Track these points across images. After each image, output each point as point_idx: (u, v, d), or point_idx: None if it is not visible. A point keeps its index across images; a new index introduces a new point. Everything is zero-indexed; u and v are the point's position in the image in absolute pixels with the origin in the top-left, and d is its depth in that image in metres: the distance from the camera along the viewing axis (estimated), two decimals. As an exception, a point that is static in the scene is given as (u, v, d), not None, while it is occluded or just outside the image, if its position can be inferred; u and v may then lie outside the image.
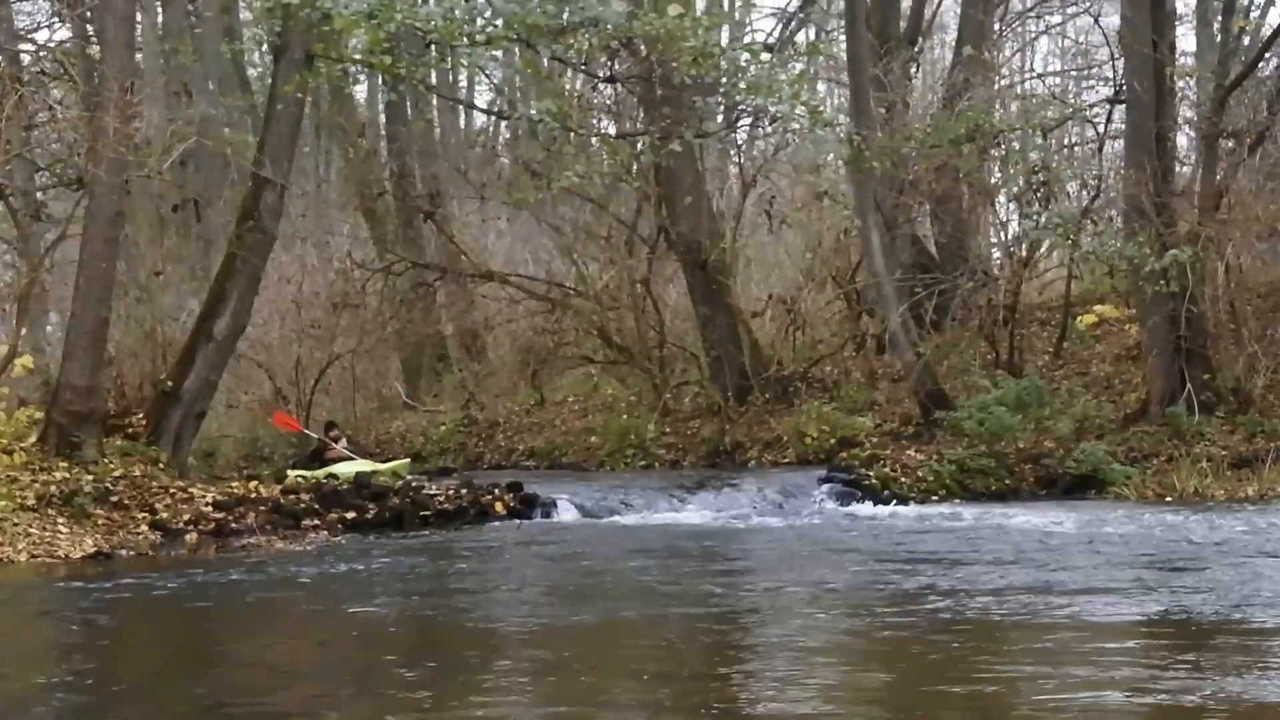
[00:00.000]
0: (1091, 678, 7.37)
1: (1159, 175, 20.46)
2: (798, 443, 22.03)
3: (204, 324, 18.43)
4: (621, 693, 7.61)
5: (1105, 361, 23.54)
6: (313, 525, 16.22)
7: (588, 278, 26.46)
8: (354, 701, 7.44)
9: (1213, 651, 8.03)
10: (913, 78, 27.52)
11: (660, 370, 25.35)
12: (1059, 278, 26.25)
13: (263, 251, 18.67)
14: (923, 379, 21.57)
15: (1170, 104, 21.40)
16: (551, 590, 11.57)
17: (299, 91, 17.84)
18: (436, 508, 17.02)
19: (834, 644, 8.80)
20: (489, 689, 7.74)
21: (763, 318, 26.07)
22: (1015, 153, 23.19)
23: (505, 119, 25.58)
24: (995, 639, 8.58)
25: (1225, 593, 10.04)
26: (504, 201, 28.10)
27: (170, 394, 18.07)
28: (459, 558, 13.86)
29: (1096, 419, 20.66)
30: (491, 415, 26.72)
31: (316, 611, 11.09)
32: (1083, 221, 22.75)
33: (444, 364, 29.40)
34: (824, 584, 11.34)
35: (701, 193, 24.89)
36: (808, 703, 7.06)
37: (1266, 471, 18.19)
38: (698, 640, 9.06)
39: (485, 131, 38.04)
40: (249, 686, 8.19)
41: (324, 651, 9.42)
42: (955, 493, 18.87)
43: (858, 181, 21.98)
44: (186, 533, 15.48)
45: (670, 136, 17.86)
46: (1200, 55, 24.54)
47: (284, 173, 18.39)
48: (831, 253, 26.02)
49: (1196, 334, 20.32)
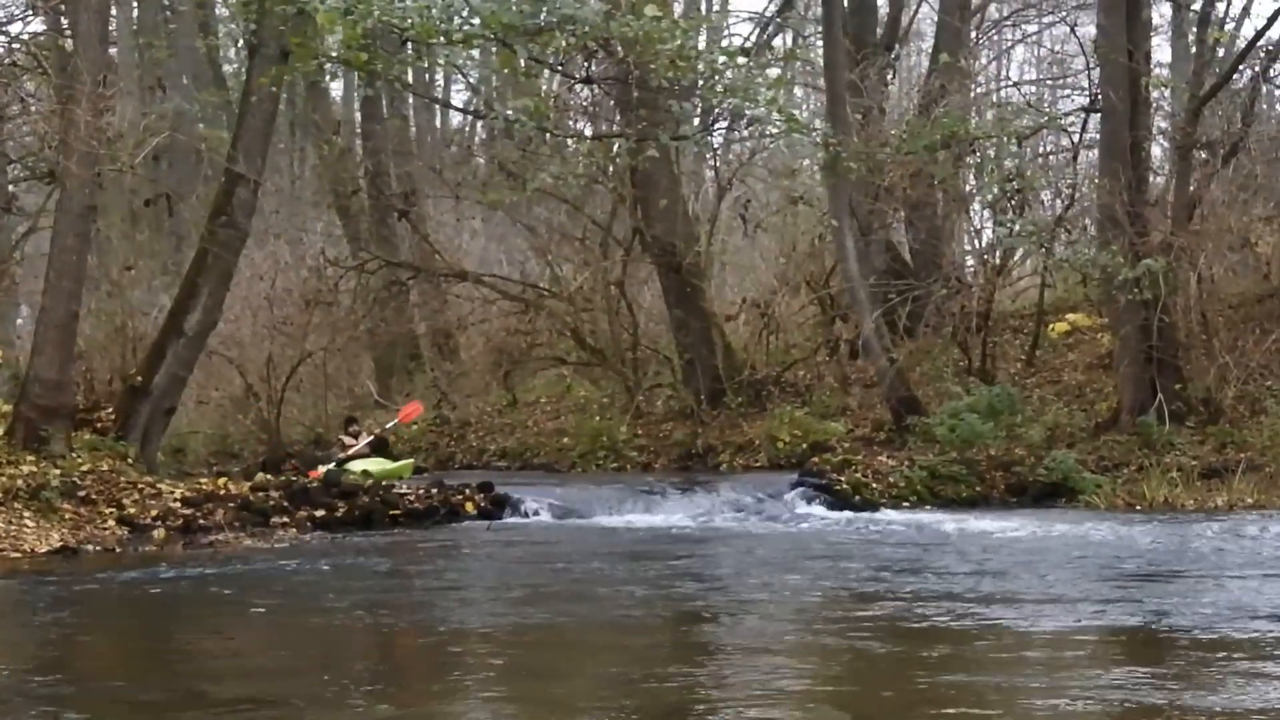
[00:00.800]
0: (1049, 686, 7.37)
1: (1133, 185, 20.50)
2: (770, 447, 22.02)
3: (175, 319, 18.33)
4: (584, 695, 7.57)
5: (1077, 370, 23.58)
6: (282, 523, 16.13)
7: (562, 279, 26.42)
8: (316, 700, 7.39)
9: (1172, 661, 8.01)
10: (889, 84, 27.54)
11: (633, 373, 25.33)
12: (1032, 286, 26.32)
13: (235, 248, 18.57)
14: (895, 385, 21.58)
15: (1145, 114, 21.46)
16: (517, 591, 11.52)
17: (273, 87, 17.76)
18: (406, 507, 16.95)
19: (798, 648, 8.78)
20: (452, 689, 7.70)
21: (736, 321, 26.08)
22: (990, 160, 23.23)
23: (481, 118, 25.50)
24: (957, 646, 8.57)
25: (1187, 604, 10.05)
26: (479, 201, 28.05)
27: (140, 389, 17.97)
28: (427, 557, 13.80)
29: (1068, 427, 20.70)
30: (463, 415, 26.66)
31: (282, 609, 11.01)
32: (1056, 230, 22.81)
33: (416, 363, 29.32)
34: (791, 588, 11.31)
35: (677, 195, 24.88)
36: (770, 707, 7.03)
37: (1236, 482, 18.22)
38: (662, 643, 9.03)
39: (461, 131, 38.00)
40: (211, 684, 8.13)
41: (288, 650, 9.36)
42: (926, 499, 18.86)
43: (833, 187, 21.99)
44: (154, 529, 15.38)
45: (647, 139, 17.83)
46: (1175, 66, 24.69)
47: (257, 169, 18.31)
48: (806, 257, 26.04)
49: (1168, 344, 20.37)
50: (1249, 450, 18.98)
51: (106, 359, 20.52)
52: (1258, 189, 23.11)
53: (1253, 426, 19.63)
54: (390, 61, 18.25)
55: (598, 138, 20.83)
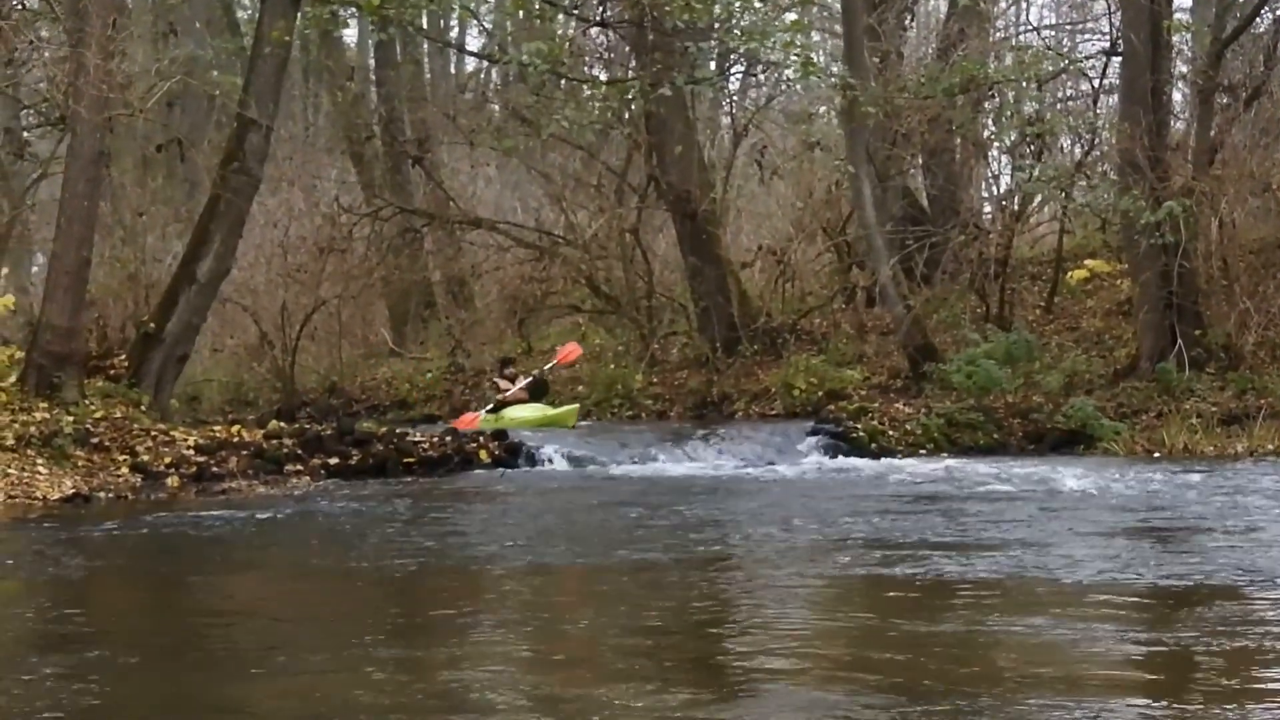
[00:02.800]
0: (1065, 638, 7.26)
1: (1153, 129, 20.29)
2: (785, 395, 21.91)
3: (187, 266, 18.24)
4: (603, 642, 7.49)
5: (1096, 316, 23.42)
6: (295, 471, 16.07)
7: (576, 226, 26.28)
8: (329, 645, 7.32)
9: (1189, 612, 7.90)
10: (907, 28, 27.28)
11: (648, 320, 25.22)
12: (1050, 232, 26.14)
13: (247, 194, 18.45)
14: (912, 332, 21.45)
15: (1166, 57, 21.19)
16: (531, 538, 11.45)
17: (286, 34, 17.59)
18: (420, 455, 16.86)
19: (811, 596, 8.69)
20: (467, 635, 7.63)
21: (752, 269, 25.94)
22: (1009, 104, 23.00)
23: (495, 63, 25.34)
24: (971, 595, 8.45)
25: (1206, 554, 9.94)
26: (493, 148, 27.88)
27: (153, 336, 17.90)
28: (440, 505, 13.74)
29: (1086, 374, 20.56)
30: (478, 363, 26.57)
31: (295, 556, 10.97)
32: (1076, 175, 22.60)
33: (431, 311, 29.25)
34: (805, 537, 11.23)
35: (692, 142, 24.70)
36: (784, 656, 6.95)
37: (1256, 429, 18.09)
38: (677, 590, 8.94)
39: (475, 77, 37.76)
40: (224, 630, 8.08)
41: (300, 596, 9.31)
42: (943, 446, 18.74)
43: (850, 132, 21.82)
44: (167, 476, 15.33)
45: (661, 82, 17.65)
46: (1196, 9, 24.33)
47: (269, 114, 18.15)
48: (822, 204, 25.86)
49: (1188, 290, 20.20)
50: (1269, 396, 18.83)
51: (119, 306, 20.47)
52: (1279, 133, 22.84)
53: (1273, 373, 19.48)
54: (404, 6, 18.11)
55: (612, 83, 20.62)
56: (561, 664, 6.94)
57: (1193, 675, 6.48)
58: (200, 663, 7.06)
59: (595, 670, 6.78)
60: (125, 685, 6.57)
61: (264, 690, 6.44)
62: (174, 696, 6.37)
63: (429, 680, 6.57)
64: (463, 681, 6.54)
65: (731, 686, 6.42)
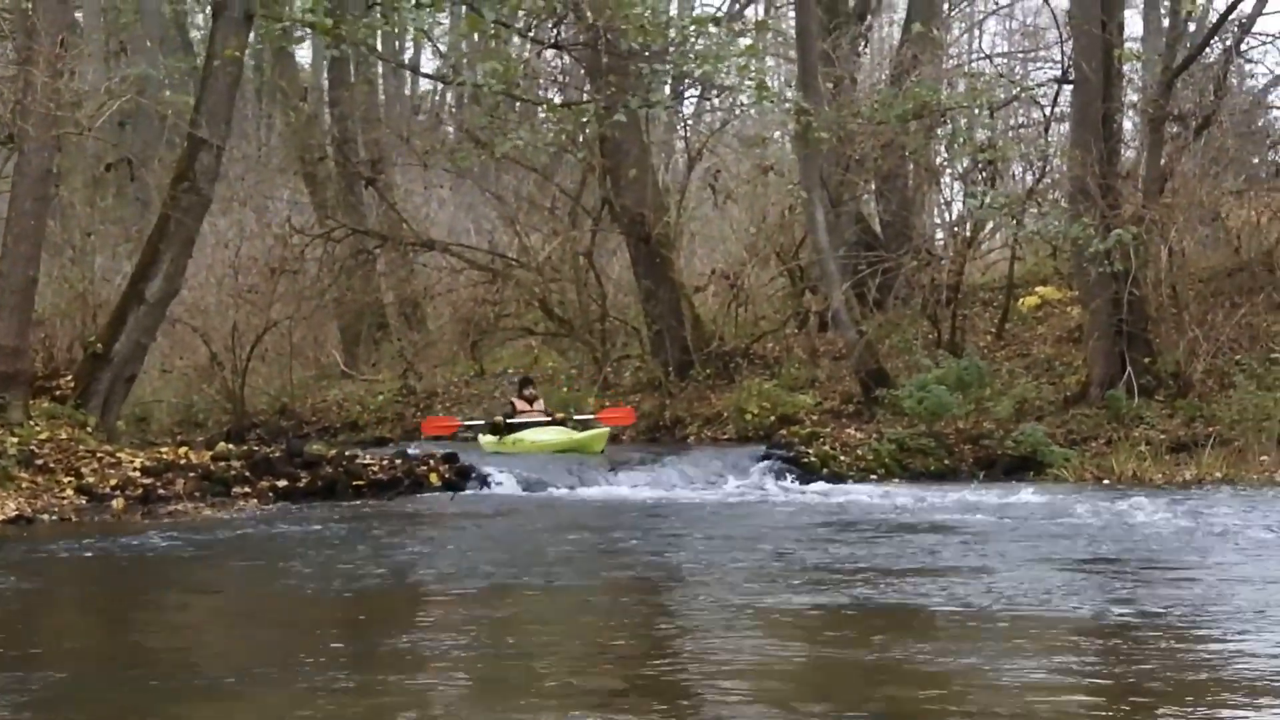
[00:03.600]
0: (1006, 664, 7.24)
1: (1104, 157, 20.40)
2: (738, 419, 21.90)
3: (136, 286, 18.07)
4: (550, 668, 7.42)
5: (1046, 343, 23.52)
6: (243, 493, 15.92)
7: (530, 248, 26.24)
8: (272, 673, 7.23)
9: (1133, 639, 7.91)
10: (861, 54, 27.38)
11: (601, 343, 25.18)
12: (1002, 258, 26.24)
13: (198, 214, 18.30)
14: (864, 357, 21.48)
15: (1117, 86, 21.33)
16: (478, 562, 11.35)
17: (237, 51, 17.49)
18: (370, 477, 16.75)
19: (758, 621, 8.63)
20: (413, 662, 7.54)
21: (705, 293, 25.94)
22: (962, 131, 23.10)
23: (449, 84, 25.27)
24: (916, 621, 8.45)
25: (1151, 581, 9.98)
26: (446, 169, 27.83)
27: (100, 356, 17.73)
28: (389, 528, 13.64)
29: (1036, 400, 20.62)
30: (430, 385, 26.48)
31: (239, 580, 10.86)
32: (1027, 202, 22.70)
33: (383, 333, 29.13)
34: (755, 562, 11.18)
35: (647, 165, 24.70)
36: (730, 677, 6.90)
37: (1205, 456, 18.17)
38: (625, 615, 8.89)
39: (430, 99, 37.72)
40: (163, 656, 7.96)
41: (244, 621, 9.20)
42: (894, 472, 18.75)
43: (804, 157, 21.86)
44: (113, 498, 15.16)
45: (616, 105, 17.63)
46: (1147, 39, 24.56)
47: (221, 134, 18.03)
48: (776, 229, 25.91)
49: (1138, 317, 20.30)
50: (1218, 424, 18.92)
51: (67, 326, 20.24)
52: (1229, 163, 23.04)
53: (1221, 401, 19.57)
54: (356, 25, 18.04)
55: (566, 105, 20.60)
56: (507, 689, 6.87)
57: (1135, 706, 6.46)
58: (144, 688, 6.96)
59: (542, 695, 6.71)
60: (67, 710, 6.46)
61: (209, 715, 6.35)
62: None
63: (376, 705, 6.49)
64: (409, 706, 6.46)
65: (678, 712, 6.37)
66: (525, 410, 19.65)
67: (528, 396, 20.11)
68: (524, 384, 21.05)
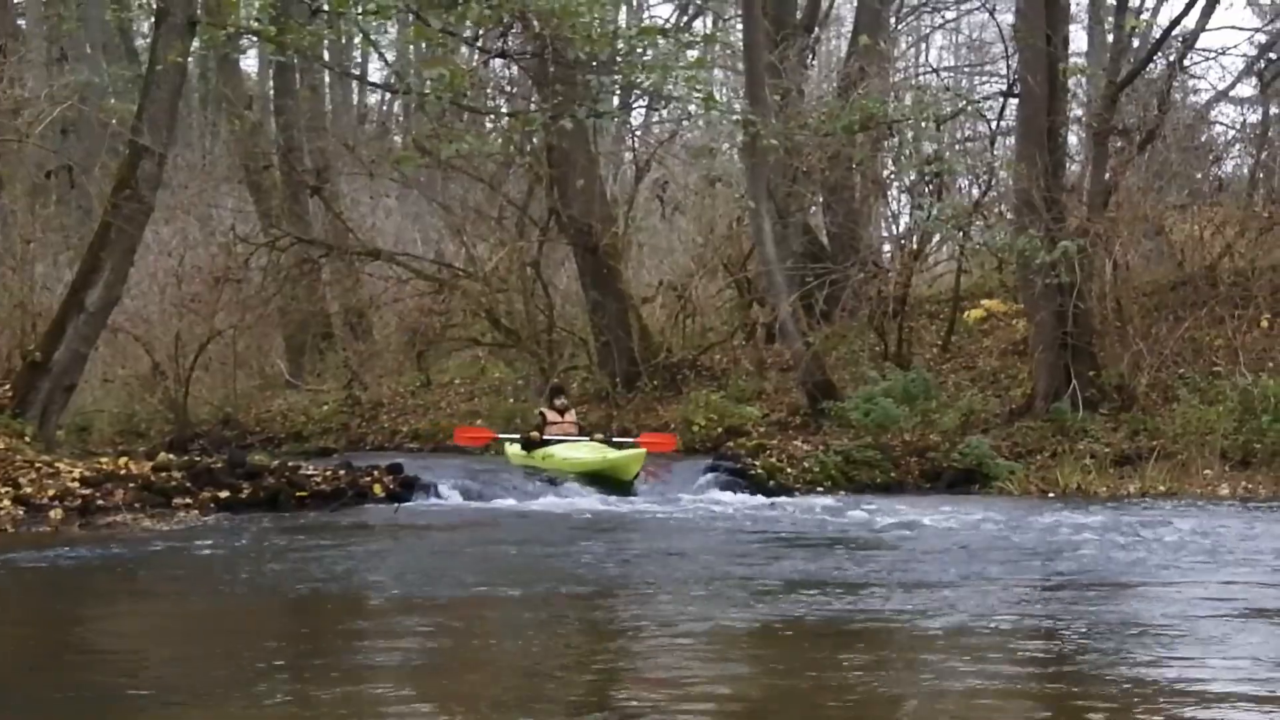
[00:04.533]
0: (946, 679, 7.20)
1: (1050, 170, 20.52)
2: (685, 430, 21.84)
3: (76, 295, 17.83)
4: (489, 683, 7.33)
5: (992, 356, 23.61)
6: (184, 504, 15.70)
7: (477, 259, 26.12)
8: (213, 685, 7.10)
9: (1072, 651, 7.90)
10: (808, 67, 27.45)
11: (548, 354, 25.08)
12: (949, 271, 26.35)
13: (139, 222, 18.08)
14: (811, 369, 21.49)
15: (1062, 100, 21.47)
16: (420, 572, 11.23)
17: (180, 57, 17.32)
18: (313, 488, 16.56)
19: (700, 635, 8.56)
20: (352, 675, 7.43)
21: (653, 304, 25.91)
22: (909, 143, 23.18)
23: (395, 93, 25.15)
24: (858, 636, 8.39)
25: (1091, 593, 9.97)
26: (392, 179, 27.69)
27: (39, 365, 17.48)
28: (331, 539, 13.48)
29: (982, 413, 20.70)
30: (375, 396, 26.33)
31: (176, 592, 10.68)
32: (974, 215, 22.80)
33: (328, 343, 28.94)
34: (698, 574, 11.11)
35: (594, 176, 24.65)
36: (670, 696, 6.83)
37: (1149, 469, 18.28)
38: (565, 628, 8.80)
39: (377, 109, 37.55)
40: (102, 670, 7.80)
41: (180, 635, 9.05)
42: (840, 484, 18.76)
43: (751, 168, 21.87)
44: (51, 509, 14.90)
45: (563, 115, 17.56)
46: (1092, 53, 24.71)
47: (163, 141, 17.83)
48: (724, 240, 25.92)
49: (1082, 331, 20.40)
50: (1161, 438, 19.04)
51: (6, 335, 19.99)
52: (1172, 177, 23.24)
53: (1165, 414, 19.69)
54: (302, 33, 17.90)
55: (514, 114, 20.52)
56: (450, 701, 6.77)
57: (1083, 717, 6.44)
58: (81, 701, 6.82)
59: (484, 708, 6.62)
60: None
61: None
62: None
63: (315, 717, 6.38)
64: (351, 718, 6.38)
65: None
66: (556, 422, 18.39)
67: (559, 407, 18.82)
68: (555, 393, 19.63)
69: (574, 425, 18.61)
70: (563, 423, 18.31)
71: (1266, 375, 19.59)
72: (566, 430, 18.19)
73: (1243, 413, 18.95)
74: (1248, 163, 26.16)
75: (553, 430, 18.38)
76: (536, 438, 18.23)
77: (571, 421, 18.37)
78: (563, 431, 17.98)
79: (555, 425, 18.31)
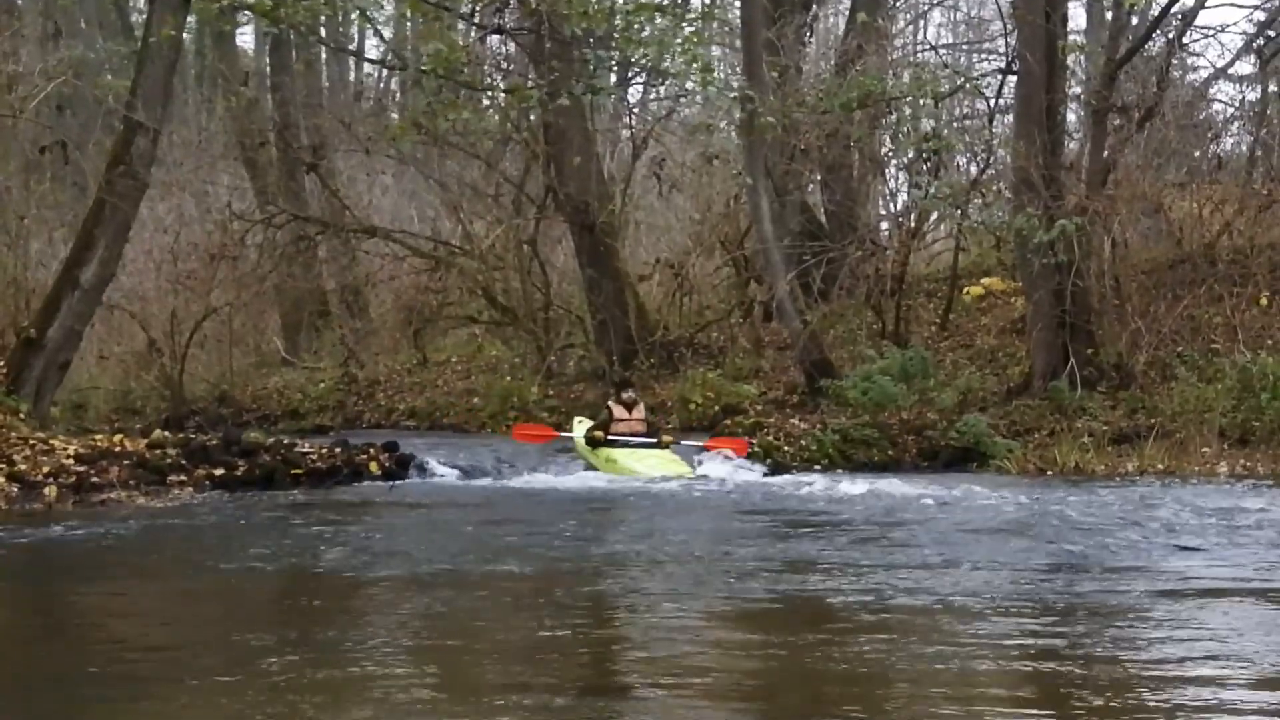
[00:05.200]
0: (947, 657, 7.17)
1: (1048, 148, 20.42)
2: (682, 409, 21.78)
3: (70, 272, 17.78)
4: (485, 658, 7.29)
5: (990, 334, 23.54)
6: (178, 481, 15.67)
7: (473, 236, 26.03)
8: (207, 663, 7.05)
9: (1070, 630, 7.86)
10: (806, 44, 27.33)
11: (545, 333, 25.01)
12: (946, 249, 26.27)
13: (133, 198, 18.02)
14: (808, 348, 21.42)
15: (1061, 77, 21.35)
16: (415, 550, 11.15)
17: (174, 31, 17.22)
18: (308, 466, 16.53)
19: (697, 615, 8.52)
20: (350, 653, 7.39)
21: (650, 282, 25.82)
22: (907, 120, 23.08)
23: (390, 69, 25.04)
24: (856, 615, 8.35)
25: (1089, 570, 9.93)
26: (389, 155, 27.57)
27: (33, 342, 17.43)
28: (324, 517, 13.43)
29: (980, 391, 20.63)
30: (372, 374, 26.27)
31: (166, 569, 10.65)
32: (971, 193, 22.71)
33: (324, 320, 28.84)
34: (695, 553, 11.07)
35: (591, 153, 24.54)
36: (665, 674, 6.79)
37: (1147, 448, 18.22)
38: (562, 607, 8.75)
39: (374, 86, 37.43)
40: (97, 650, 7.76)
41: (175, 613, 9.01)
42: (838, 463, 18.68)
43: (748, 145, 21.75)
44: (45, 486, 14.87)
45: (559, 91, 17.46)
46: (1091, 30, 24.57)
47: (157, 117, 17.74)
48: (721, 218, 25.82)
49: (1081, 309, 20.33)
50: (1159, 416, 18.97)
51: (0, 311, 19.91)
52: (1171, 154, 23.15)
53: (1163, 392, 19.63)
54: (297, 7, 17.79)
55: (510, 90, 20.40)
56: (438, 679, 6.73)
57: (1078, 696, 6.39)
58: (68, 681, 6.77)
59: (482, 684, 6.58)
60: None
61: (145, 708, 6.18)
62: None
63: (312, 696, 6.33)
64: (348, 695, 6.31)
65: (615, 702, 6.25)
66: (624, 419, 16.85)
67: (626, 401, 17.22)
68: (622, 386, 18.19)
69: (642, 423, 17.29)
70: (630, 419, 17.00)
71: (1265, 353, 19.51)
72: (634, 429, 16.93)
73: (1241, 391, 18.89)
74: (1246, 141, 26.08)
75: (619, 428, 17.06)
76: (600, 437, 17.03)
77: (639, 418, 17.05)
78: (630, 430, 16.73)
79: (622, 422, 16.97)
